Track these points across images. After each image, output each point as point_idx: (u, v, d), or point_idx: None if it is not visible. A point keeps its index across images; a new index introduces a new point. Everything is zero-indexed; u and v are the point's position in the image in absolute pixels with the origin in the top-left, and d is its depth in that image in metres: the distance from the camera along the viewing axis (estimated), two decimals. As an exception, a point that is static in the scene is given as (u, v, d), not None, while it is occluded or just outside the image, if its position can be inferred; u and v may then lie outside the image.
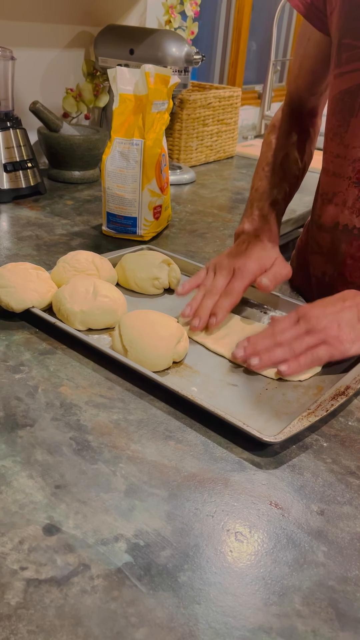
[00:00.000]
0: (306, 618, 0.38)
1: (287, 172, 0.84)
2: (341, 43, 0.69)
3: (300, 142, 0.88)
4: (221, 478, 0.49)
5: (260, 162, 0.87)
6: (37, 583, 0.38)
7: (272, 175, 0.83)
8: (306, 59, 0.84)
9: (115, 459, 0.49)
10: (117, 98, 0.89)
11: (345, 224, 0.74)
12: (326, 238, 0.78)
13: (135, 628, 0.36)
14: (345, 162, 0.71)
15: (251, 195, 0.84)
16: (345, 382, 0.60)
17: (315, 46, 0.81)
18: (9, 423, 0.52)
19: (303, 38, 0.83)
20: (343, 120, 0.71)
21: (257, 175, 0.86)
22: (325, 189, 0.77)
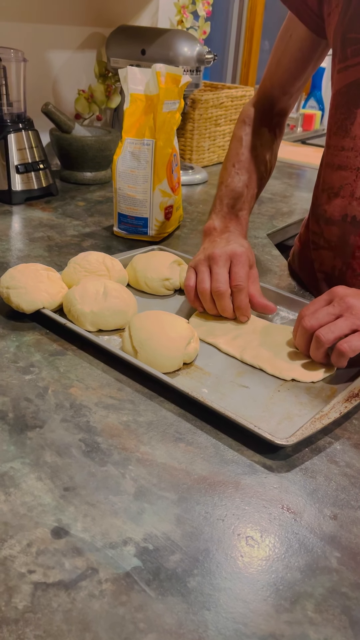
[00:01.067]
0: (318, 625, 0.37)
1: (256, 172, 0.85)
2: (346, 38, 0.70)
3: (269, 143, 0.89)
4: (232, 481, 0.48)
5: (230, 158, 0.87)
6: (45, 587, 0.38)
7: (242, 174, 0.84)
8: (285, 56, 0.85)
9: (124, 461, 0.49)
10: (128, 98, 0.89)
11: (353, 216, 0.73)
12: (334, 232, 0.77)
13: (143, 634, 0.36)
14: (352, 154, 0.72)
15: (220, 191, 0.84)
16: (358, 384, 0.58)
17: (297, 43, 0.82)
18: (18, 424, 0.52)
19: (285, 34, 0.84)
20: (349, 112, 0.71)
21: (226, 172, 0.86)
22: (331, 183, 0.76)
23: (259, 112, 0.90)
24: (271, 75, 0.88)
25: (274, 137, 0.90)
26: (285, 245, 1.16)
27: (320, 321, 0.60)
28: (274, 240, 1.09)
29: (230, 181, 0.84)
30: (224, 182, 0.85)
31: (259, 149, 0.87)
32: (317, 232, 0.83)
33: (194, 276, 0.71)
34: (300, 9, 0.78)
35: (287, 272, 0.92)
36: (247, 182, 0.83)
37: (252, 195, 0.85)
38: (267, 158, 0.88)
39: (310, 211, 0.87)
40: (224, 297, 0.69)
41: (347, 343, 0.58)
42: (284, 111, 0.91)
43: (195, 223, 1.10)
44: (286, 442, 0.50)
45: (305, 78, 0.87)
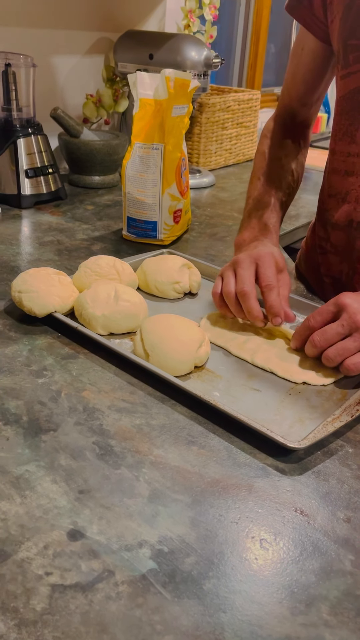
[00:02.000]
0: (334, 628, 0.37)
1: (282, 182, 0.85)
2: (347, 44, 0.70)
3: (294, 154, 0.88)
4: (245, 484, 0.48)
5: (256, 172, 0.87)
6: (62, 589, 0.38)
7: (269, 185, 0.83)
8: (299, 69, 0.85)
9: (138, 464, 0.49)
10: (137, 103, 0.89)
11: (359, 221, 0.73)
12: (341, 237, 0.78)
13: (160, 636, 0.36)
14: (357, 160, 0.72)
15: (248, 206, 0.84)
16: (370, 387, 0.59)
17: (309, 55, 0.83)
18: (32, 427, 0.53)
19: (297, 48, 0.84)
20: (353, 119, 0.71)
21: (252, 186, 0.86)
22: (337, 189, 0.76)
23: (280, 125, 0.90)
24: (288, 89, 0.89)
25: (299, 147, 0.89)
26: (293, 248, 1.17)
27: (329, 341, 0.61)
28: (281, 243, 1.10)
29: (257, 194, 0.83)
30: (251, 195, 0.85)
31: (284, 160, 0.86)
32: (323, 237, 0.83)
33: (220, 283, 0.70)
34: (308, 20, 0.79)
35: (294, 275, 0.92)
36: (273, 192, 0.82)
37: (281, 203, 0.83)
38: (293, 167, 0.87)
39: (316, 216, 0.87)
40: (249, 297, 0.66)
41: (353, 364, 0.59)
42: (306, 122, 0.91)
43: (203, 226, 1.10)
44: (299, 445, 0.50)
45: (324, 87, 0.87)
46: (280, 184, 0.84)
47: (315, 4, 0.77)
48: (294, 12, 0.80)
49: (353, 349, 0.60)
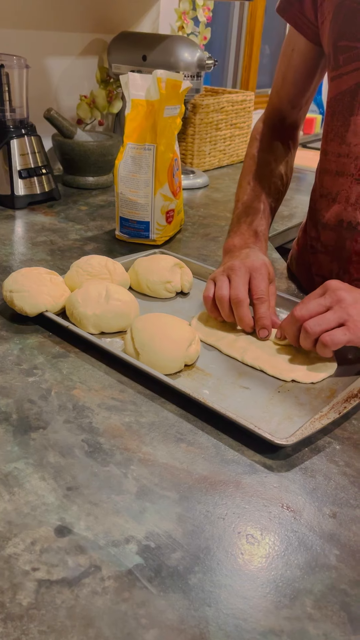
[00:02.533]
0: (318, 621, 0.37)
1: (271, 186, 0.85)
2: (337, 46, 0.71)
3: (283, 156, 0.89)
4: (233, 480, 0.48)
5: (245, 176, 0.87)
6: (49, 584, 0.38)
7: (258, 190, 0.84)
8: (290, 70, 0.85)
9: (126, 461, 0.49)
10: (129, 103, 0.90)
11: (349, 221, 0.74)
12: (331, 236, 0.78)
13: (145, 629, 0.36)
14: (348, 161, 0.72)
15: (237, 210, 0.84)
16: (358, 384, 0.59)
17: (299, 56, 0.83)
18: (22, 425, 0.53)
19: (287, 49, 0.85)
20: (344, 120, 0.72)
21: (241, 190, 0.86)
22: (328, 189, 0.77)
23: (270, 127, 0.90)
24: (278, 91, 0.89)
25: (288, 149, 0.90)
26: (286, 248, 1.17)
27: (310, 311, 0.61)
28: (274, 243, 1.10)
29: (247, 198, 0.84)
30: (240, 199, 0.85)
31: (273, 164, 0.87)
32: (314, 237, 0.83)
33: (212, 287, 0.70)
34: (299, 21, 0.79)
35: (286, 275, 0.92)
36: (263, 197, 0.83)
37: (270, 209, 0.84)
38: (283, 171, 0.88)
39: (307, 215, 0.88)
40: (242, 305, 0.67)
41: (329, 336, 0.59)
42: (295, 124, 0.91)
43: (196, 227, 1.11)
44: (286, 442, 0.50)
45: (313, 89, 0.87)
46: (270, 189, 0.85)
47: (306, 5, 0.77)
48: (285, 14, 0.81)
49: (332, 320, 0.60)
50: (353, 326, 0.59)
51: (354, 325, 0.59)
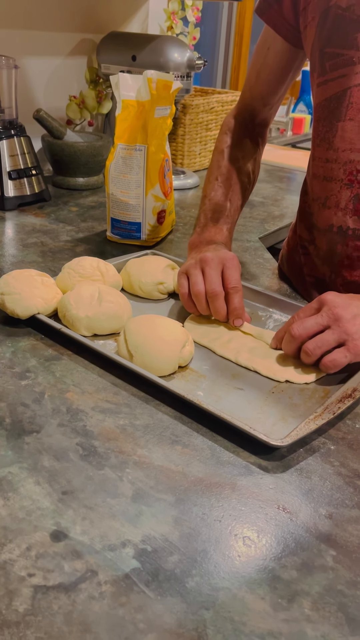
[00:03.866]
0: (316, 623, 0.37)
1: (239, 184, 0.86)
2: (324, 52, 0.71)
3: (252, 153, 0.89)
4: (228, 482, 0.48)
5: (213, 171, 0.88)
6: (45, 590, 0.38)
7: (226, 188, 0.85)
8: (264, 69, 0.86)
9: (121, 464, 0.49)
10: (120, 104, 0.90)
11: (339, 226, 0.74)
12: (323, 240, 0.79)
13: (143, 634, 0.36)
14: (335, 166, 0.73)
15: (204, 206, 0.85)
16: (352, 384, 0.59)
17: (275, 56, 0.83)
18: (15, 429, 0.52)
19: (262, 47, 0.85)
20: (330, 125, 0.72)
21: (209, 185, 0.87)
22: (318, 194, 0.77)
23: (240, 123, 0.91)
24: (251, 88, 0.89)
25: (257, 147, 0.91)
26: (277, 248, 1.17)
27: (308, 330, 0.61)
28: (265, 243, 1.10)
29: (214, 195, 0.85)
30: (207, 195, 0.86)
31: (241, 161, 0.88)
32: (307, 239, 0.84)
33: (186, 282, 0.71)
34: (278, 22, 0.79)
35: (277, 275, 0.93)
36: (230, 195, 0.85)
37: (236, 207, 0.85)
38: (250, 169, 0.89)
39: (298, 217, 0.88)
40: (219, 298, 0.68)
41: (331, 361, 0.60)
42: (265, 122, 0.92)
43: (187, 227, 1.11)
44: (281, 443, 0.50)
45: (285, 88, 0.88)
46: (237, 187, 0.86)
47: (285, 7, 0.77)
48: (263, 15, 0.81)
49: (332, 341, 0.60)
50: (353, 346, 0.60)
51: (354, 345, 0.60)
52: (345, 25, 0.68)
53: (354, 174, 0.71)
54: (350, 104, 0.69)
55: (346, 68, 0.68)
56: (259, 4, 0.82)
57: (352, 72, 0.68)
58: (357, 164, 0.70)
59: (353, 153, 0.70)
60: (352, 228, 0.73)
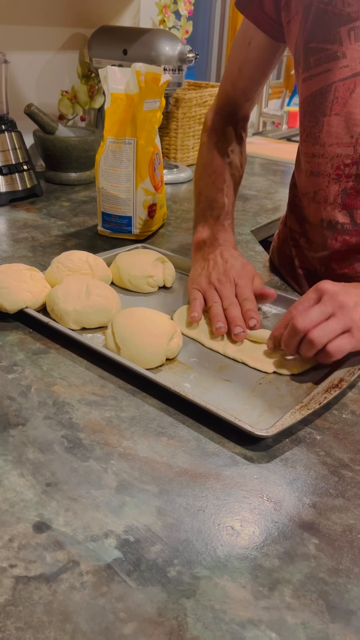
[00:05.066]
0: (296, 611, 0.38)
1: (232, 179, 0.87)
2: (308, 48, 0.71)
3: (239, 148, 0.89)
4: (213, 473, 0.48)
5: (205, 168, 0.88)
6: (26, 580, 0.38)
7: (219, 183, 0.85)
8: (247, 64, 0.85)
9: (106, 456, 0.49)
10: (109, 97, 0.89)
11: (329, 220, 0.74)
12: (313, 233, 0.79)
13: (123, 623, 0.36)
14: (323, 161, 0.72)
15: (201, 203, 0.85)
16: (339, 374, 0.59)
17: (257, 51, 0.83)
18: (1, 423, 0.52)
19: (243, 42, 0.84)
20: (316, 120, 0.72)
21: (203, 182, 0.87)
22: (306, 189, 0.77)
23: (225, 118, 0.90)
24: (233, 82, 0.89)
25: (241, 141, 0.91)
26: (269, 241, 1.17)
27: (314, 321, 0.59)
28: (258, 236, 1.10)
29: (209, 192, 0.85)
30: (203, 192, 0.86)
31: (231, 156, 0.88)
32: (298, 232, 0.83)
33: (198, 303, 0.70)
34: (259, 17, 0.79)
35: (268, 268, 0.92)
36: (227, 191, 0.85)
37: (232, 203, 0.86)
38: (239, 163, 0.89)
39: (288, 210, 0.88)
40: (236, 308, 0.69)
41: (335, 346, 0.58)
42: (246, 117, 0.92)
43: (179, 221, 1.11)
44: (266, 433, 0.50)
45: (265, 81, 0.88)
46: (231, 183, 0.86)
47: (265, 3, 0.77)
48: (245, 10, 0.80)
49: (338, 329, 0.58)
50: (357, 332, 0.58)
51: (358, 331, 0.59)
52: (328, 19, 0.68)
53: (342, 168, 0.71)
54: (336, 99, 0.69)
55: (330, 63, 0.68)
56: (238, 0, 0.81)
57: (337, 66, 0.68)
58: (344, 158, 0.70)
59: (340, 147, 0.70)
60: (341, 222, 0.73)
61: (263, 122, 2.16)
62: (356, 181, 0.70)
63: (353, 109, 0.68)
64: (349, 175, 0.71)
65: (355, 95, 0.67)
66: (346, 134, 0.69)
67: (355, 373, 0.60)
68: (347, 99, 0.68)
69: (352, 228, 0.73)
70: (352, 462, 0.50)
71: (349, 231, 0.73)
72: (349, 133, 0.69)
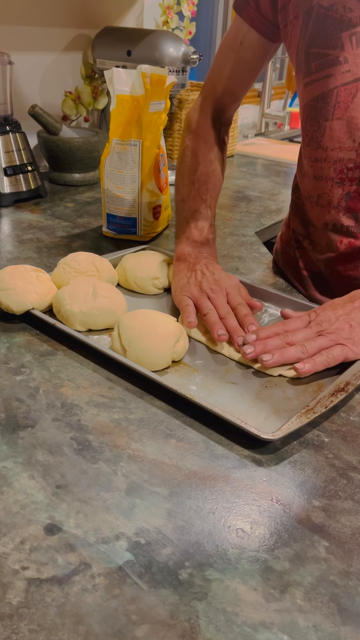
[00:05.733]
0: (307, 613, 0.38)
1: (215, 188, 0.86)
2: (309, 53, 0.71)
3: (221, 154, 0.89)
4: (222, 475, 0.49)
5: (189, 173, 0.86)
6: (39, 582, 0.38)
7: (204, 193, 0.84)
8: (238, 64, 0.84)
9: (116, 458, 0.49)
10: (114, 99, 0.89)
11: (333, 224, 0.75)
12: (318, 236, 0.79)
13: (136, 625, 0.36)
14: (325, 165, 0.73)
15: (184, 212, 0.84)
16: (345, 378, 0.59)
17: (249, 51, 0.82)
18: (10, 424, 0.53)
19: (234, 42, 0.83)
20: (318, 125, 0.72)
21: (185, 189, 0.86)
22: (310, 192, 0.78)
23: (210, 121, 0.88)
24: (222, 83, 0.86)
25: (224, 145, 0.90)
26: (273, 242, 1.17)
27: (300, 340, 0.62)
28: (262, 238, 1.10)
29: (193, 202, 0.84)
30: (186, 201, 0.85)
31: (214, 163, 0.86)
32: (302, 234, 0.84)
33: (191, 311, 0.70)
34: (256, 20, 0.79)
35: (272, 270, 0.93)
36: (210, 201, 0.84)
37: (214, 215, 0.85)
38: (220, 170, 0.88)
39: (291, 212, 0.88)
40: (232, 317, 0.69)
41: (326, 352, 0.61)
42: (230, 120, 0.91)
43: (183, 222, 1.11)
44: (272, 437, 0.50)
45: (252, 83, 0.87)
46: (214, 191, 0.86)
47: (262, 6, 0.77)
48: (242, 13, 0.80)
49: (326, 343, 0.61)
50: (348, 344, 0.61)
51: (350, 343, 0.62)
52: (329, 25, 0.68)
53: (345, 172, 0.71)
54: (338, 104, 0.69)
55: (332, 68, 0.68)
56: (236, 1, 0.81)
57: (338, 71, 0.68)
58: (347, 162, 0.70)
59: (342, 152, 0.70)
60: (346, 225, 0.74)
61: (265, 122, 2.16)
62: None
63: (355, 114, 0.68)
64: (352, 178, 0.71)
65: (357, 100, 0.68)
66: (348, 138, 0.69)
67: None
68: (348, 104, 0.68)
69: (357, 230, 0.73)
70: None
71: (354, 233, 0.74)
72: (351, 137, 0.69)
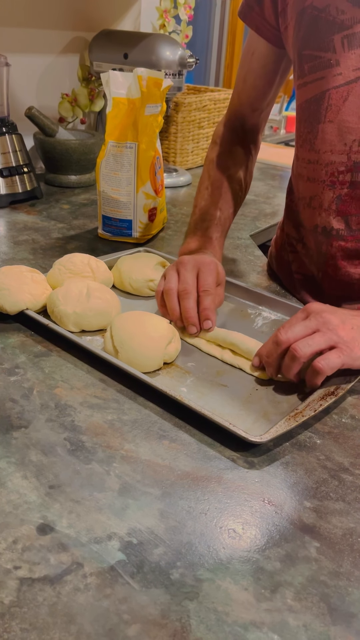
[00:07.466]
0: (298, 613, 0.38)
1: (230, 191, 0.86)
2: (302, 55, 0.71)
3: (243, 161, 0.89)
4: (215, 476, 0.49)
5: (203, 181, 0.88)
6: (31, 582, 0.39)
7: (215, 197, 0.85)
8: (250, 74, 0.85)
9: (109, 459, 0.50)
10: (111, 102, 0.90)
11: (323, 226, 0.75)
12: (309, 239, 0.79)
13: (127, 625, 0.36)
14: (318, 167, 0.73)
15: (195, 216, 0.85)
16: (335, 382, 0.60)
17: (260, 60, 0.83)
18: (3, 425, 0.53)
19: (247, 52, 0.85)
20: (311, 127, 0.72)
21: (200, 195, 0.87)
22: (302, 194, 0.78)
23: (230, 131, 0.90)
24: (239, 94, 0.89)
25: (249, 154, 0.90)
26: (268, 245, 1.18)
27: (296, 334, 0.58)
28: (256, 241, 1.11)
29: (204, 205, 0.85)
30: (198, 205, 0.86)
31: (232, 169, 0.87)
32: (295, 237, 0.84)
33: (162, 281, 0.72)
34: (261, 26, 0.79)
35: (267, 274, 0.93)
36: (220, 204, 0.84)
37: (227, 216, 0.85)
38: (241, 176, 0.88)
39: (285, 215, 0.88)
40: (190, 297, 0.67)
41: (324, 360, 0.56)
42: (256, 127, 0.91)
43: (179, 225, 1.11)
44: (260, 440, 0.51)
45: (274, 92, 0.87)
46: (229, 195, 0.86)
47: (266, 9, 0.77)
48: (246, 19, 0.81)
49: (322, 342, 0.57)
50: (345, 347, 0.57)
51: (346, 347, 0.57)
52: (321, 26, 0.68)
53: (336, 175, 0.71)
54: (329, 106, 0.69)
55: (324, 70, 0.68)
56: (241, 7, 0.82)
57: (330, 74, 0.68)
58: (338, 165, 0.71)
59: (334, 155, 0.71)
60: (336, 228, 0.74)
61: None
62: (350, 188, 0.71)
63: (346, 117, 0.68)
64: (343, 182, 0.71)
65: (348, 103, 0.68)
66: (339, 141, 0.70)
67: (351, 381, 0.60)
68: (340, 107, 0.68)
69: (347, 234, 0.73)
70: (352, 466, 0.51)
71: (344, 237, 0.74)
72: (342, 141, 0.69)
